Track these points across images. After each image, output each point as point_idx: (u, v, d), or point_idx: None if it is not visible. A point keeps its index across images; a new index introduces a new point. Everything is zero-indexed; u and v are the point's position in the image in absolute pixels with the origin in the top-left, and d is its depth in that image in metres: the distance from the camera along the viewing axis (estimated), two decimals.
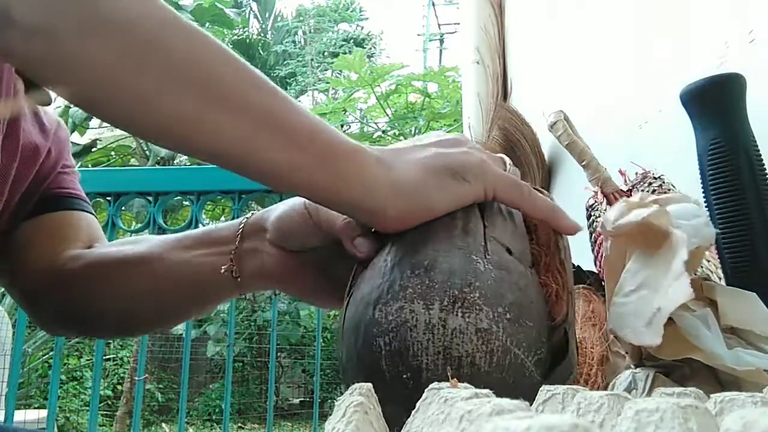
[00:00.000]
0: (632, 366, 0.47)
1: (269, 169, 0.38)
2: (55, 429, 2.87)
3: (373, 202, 0.38)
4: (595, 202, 0.81)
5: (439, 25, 10.47)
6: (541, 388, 0.30)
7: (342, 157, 0.38)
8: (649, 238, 0.46)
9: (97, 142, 5.31)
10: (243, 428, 5.91)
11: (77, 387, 5.71)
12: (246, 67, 0.38)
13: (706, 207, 0.55)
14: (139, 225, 1.69)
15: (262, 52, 9.07)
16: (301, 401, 6.45)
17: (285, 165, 0.38)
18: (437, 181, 0.39)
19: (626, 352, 0.46)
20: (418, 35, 10.60)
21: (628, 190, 0.78)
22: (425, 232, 0.38)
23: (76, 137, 5.05)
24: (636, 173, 0.79)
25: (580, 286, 0.57)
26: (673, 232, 0.43)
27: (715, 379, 0.41)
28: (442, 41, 10.48)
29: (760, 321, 0.43)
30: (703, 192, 0.56)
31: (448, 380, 0.35)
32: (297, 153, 0.37)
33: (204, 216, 1.68)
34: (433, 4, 10.23)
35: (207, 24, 5.08)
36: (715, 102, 0.55)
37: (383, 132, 5.62)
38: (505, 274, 0.36)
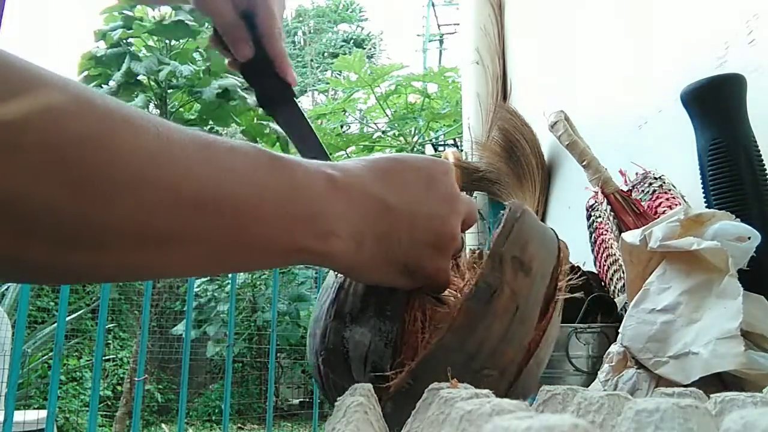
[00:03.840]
0: (635, 366, 0.47)
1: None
2: (55, 429, 2.86)
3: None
4: (596, 202, 0.81)
5: (438, 25, 10.46)
6: (541, 388, 0.30)
7: (305, 252, 0.37)
8: (686, 258, 0.45)
9: None
10: (242, 429, 5.90)
11: (77, 387, 5.70)
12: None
13: (706, 207, 0.55)
14: None
15: None
16: (300, 402, 6.45)
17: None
18: (387, 274, 0.41)
19: (632, 358, 0.45)
20: (418, 36, 10.60)
21: (628, 190, 0.78)
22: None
23: None
24: (636, 173, 0.79)
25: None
26: (729, 280, 0.42)
27: (719, 380, 0.41)
28: (441, 42, 10.46)
29: None
30: (703, 192, 0.56)
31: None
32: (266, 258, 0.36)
33: None
34: (433, 5, 10.22)
35: (206, 24, 5.08)
36: (715, 102, 0.55)
37: (383, 132, 5.62)
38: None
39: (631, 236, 0.49)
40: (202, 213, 0.31)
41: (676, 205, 0.69)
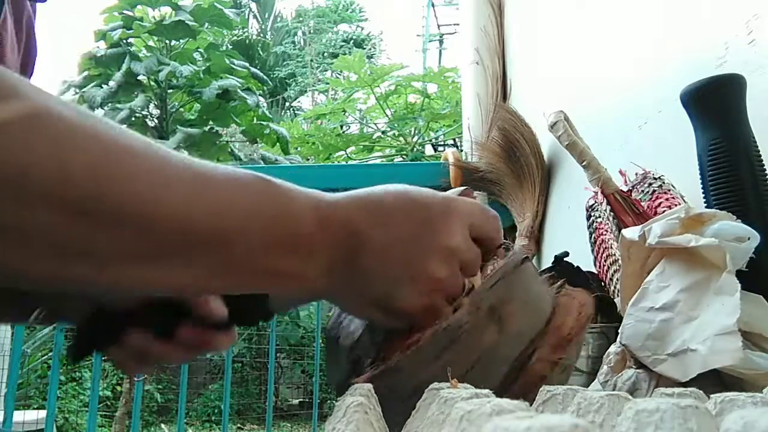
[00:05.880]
0: (634, 366, 0.47)
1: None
2: (54, 430, 2.87)
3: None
4: (595, 202, 0.81)
5: (438, 25, 10.45)
6: (541, 389, 0.30)
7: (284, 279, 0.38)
8: (685, 256, 0.45)
9: None
10: (242, 429, 5.90)
11: (76, 388, 5.70)
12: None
13: (705, 207, 0.55)
14: None
15: (261, 53, 9.07)
16: (300, 402, 6.45)
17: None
18: (361, 307, 0.42)
19: (631, 357, 0.45)
20: (418, 36, 10.60)
21: (628, 191, 0.78)
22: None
23: None
24: (636, 173, 0.79)
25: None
26: (727, 277, 0.42)
27: (719, 381, 0.41)
28: (441, 42, 10.46)
29: None
30: (703, 192, 0.56)
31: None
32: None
33: None
34: (433, 5, 10.21)
35: (206, 24, 5.08)
36: (715, 102, 0.55)
37: (383, 132, 5.62)
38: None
39: (631, 232, 0.50)
40: (193, 240, 0.34)
41: (676, 205, 0.69)
